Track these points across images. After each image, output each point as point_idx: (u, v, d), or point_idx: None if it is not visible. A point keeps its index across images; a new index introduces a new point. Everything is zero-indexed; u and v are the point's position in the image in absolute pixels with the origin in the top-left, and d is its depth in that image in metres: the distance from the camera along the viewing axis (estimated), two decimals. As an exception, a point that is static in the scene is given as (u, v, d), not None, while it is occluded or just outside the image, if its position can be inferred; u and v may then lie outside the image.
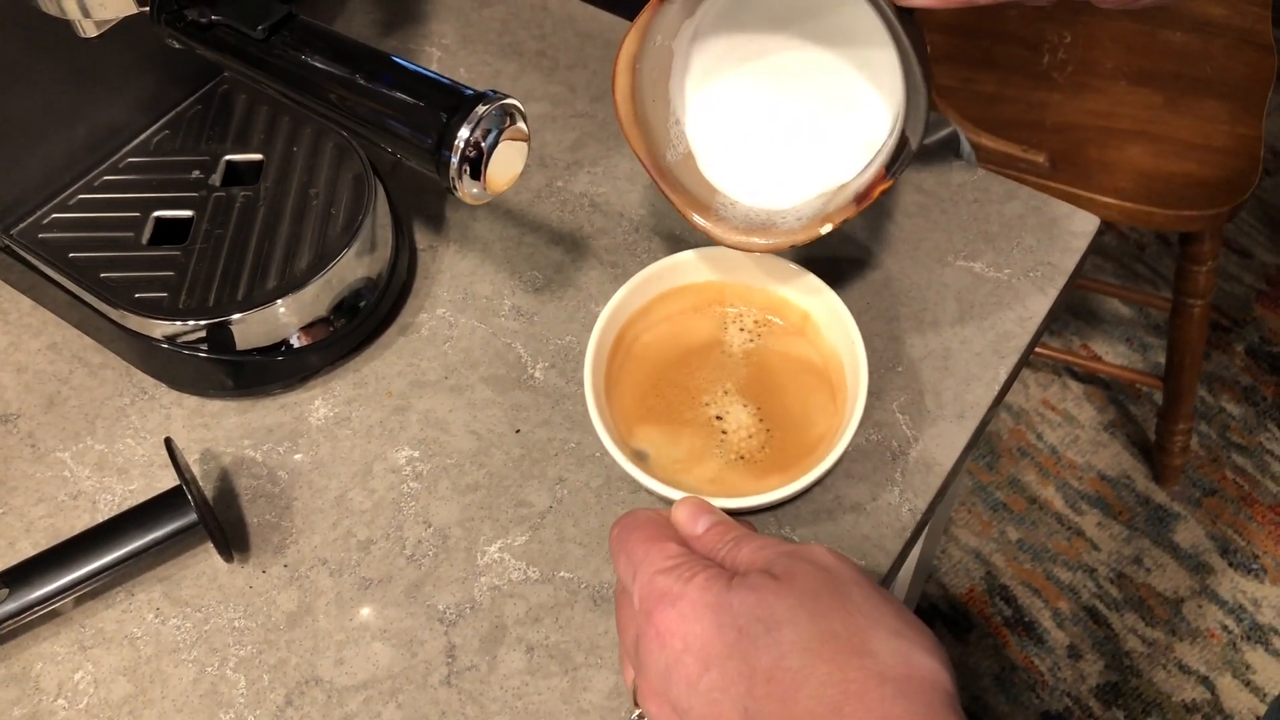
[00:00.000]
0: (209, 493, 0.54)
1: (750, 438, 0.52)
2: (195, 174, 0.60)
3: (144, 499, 0.52)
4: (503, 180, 0.44)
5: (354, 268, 0.57)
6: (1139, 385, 1.57)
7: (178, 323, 0.54)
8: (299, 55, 0.45)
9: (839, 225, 0.49)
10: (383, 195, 0.60)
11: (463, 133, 0.41)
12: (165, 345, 0.55)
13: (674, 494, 0.48)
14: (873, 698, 0.33)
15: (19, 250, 0.58)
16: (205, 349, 0.55)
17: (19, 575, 0.49)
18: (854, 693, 0.33)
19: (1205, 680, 1.35)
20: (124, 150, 0.61)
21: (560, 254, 0.62)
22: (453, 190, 0.43)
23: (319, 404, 0.57)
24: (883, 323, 0.59)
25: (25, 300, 0.61)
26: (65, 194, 0.59)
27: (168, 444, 0.51)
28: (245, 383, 0.57)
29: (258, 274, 0.56)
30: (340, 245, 0.56)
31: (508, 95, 0.43)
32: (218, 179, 0.60)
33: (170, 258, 0.57)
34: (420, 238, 0.64)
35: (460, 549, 0.52)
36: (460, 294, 0.61)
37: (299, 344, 0.56)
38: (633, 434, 0.52)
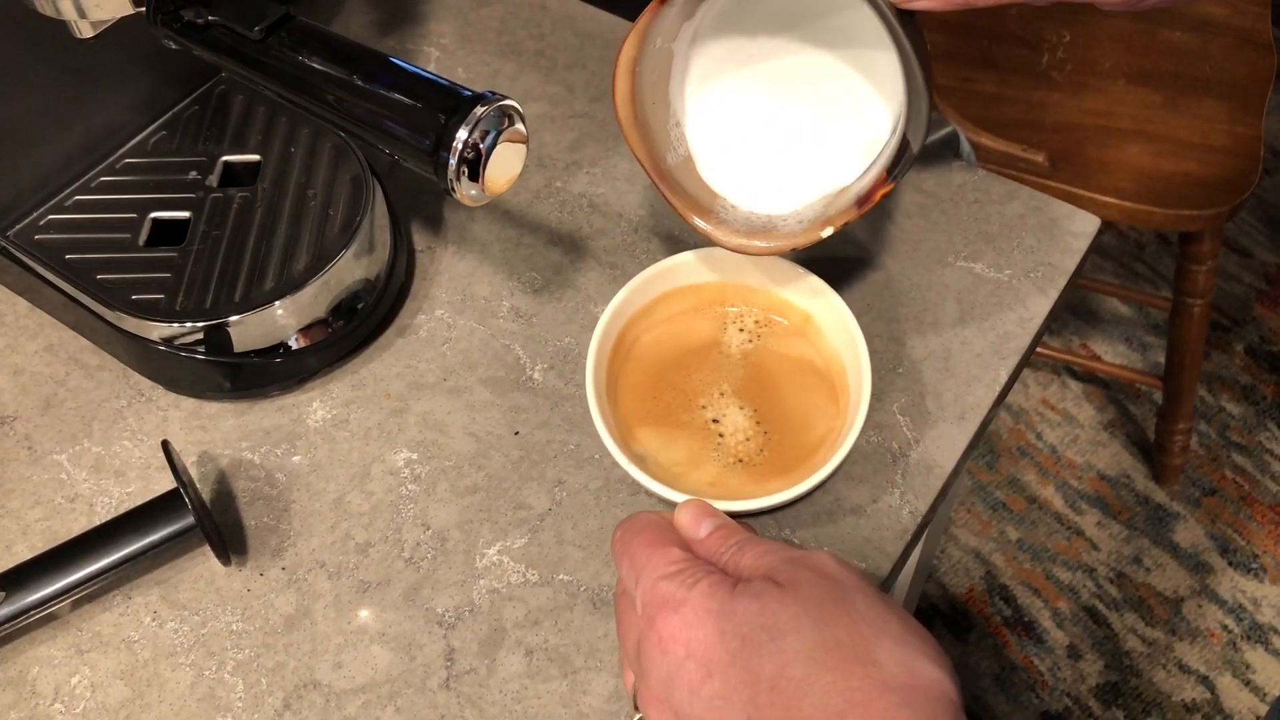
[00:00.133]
0: (206, 495, 0.54)
1: (747, 440, 0.52)
2: (192, 175, 0.60)
3: (141, 502, 0.52)
4: (501, 182, 0.44)
5: (352, 269, 0.57)
6: (1139, 385, 1.57)
7: (175, 324, 0.54)
8: (296, 56, 0.45)
9: (840, 228, 0.49)
10: (381, 196, 0.60)
11: (461, 134, 0.41)
12: (162, 347, 0.55)
13: (675, 496, 0.47)
14: (877, 706, 0.33)
15: (15, 252, 0.57)
16: (203, 351, 0.55)
17: (15, 579, 0.49)
18: (858, 701, 0.33)
19: (1205, 680, 1.35)
20: (121, 151, 0.61)
21: (559, 255, 0.62)
22: (451, 192, 0.43)
23: (317, 406, 0.57)
24: (883, 323, 0.58)
25: (22, 302, 0.61)
26: (62, 195, 0.59)
27: (165, 446, 0.51)
28: (243, 385, 0.56)
29: (255, 275, 0.55)
30: (338, 246, 0.56)
31: (506, 96, 0.43)
32: (215, 180, 0.60)
33: (167, 259, 0.57)
34: (418, 239, 0.63)
35: (459, 551, 0.52)
36: (459, 295, 0.61)
37: (297, 346, 0.56)
38: (633, 436, 0.52)
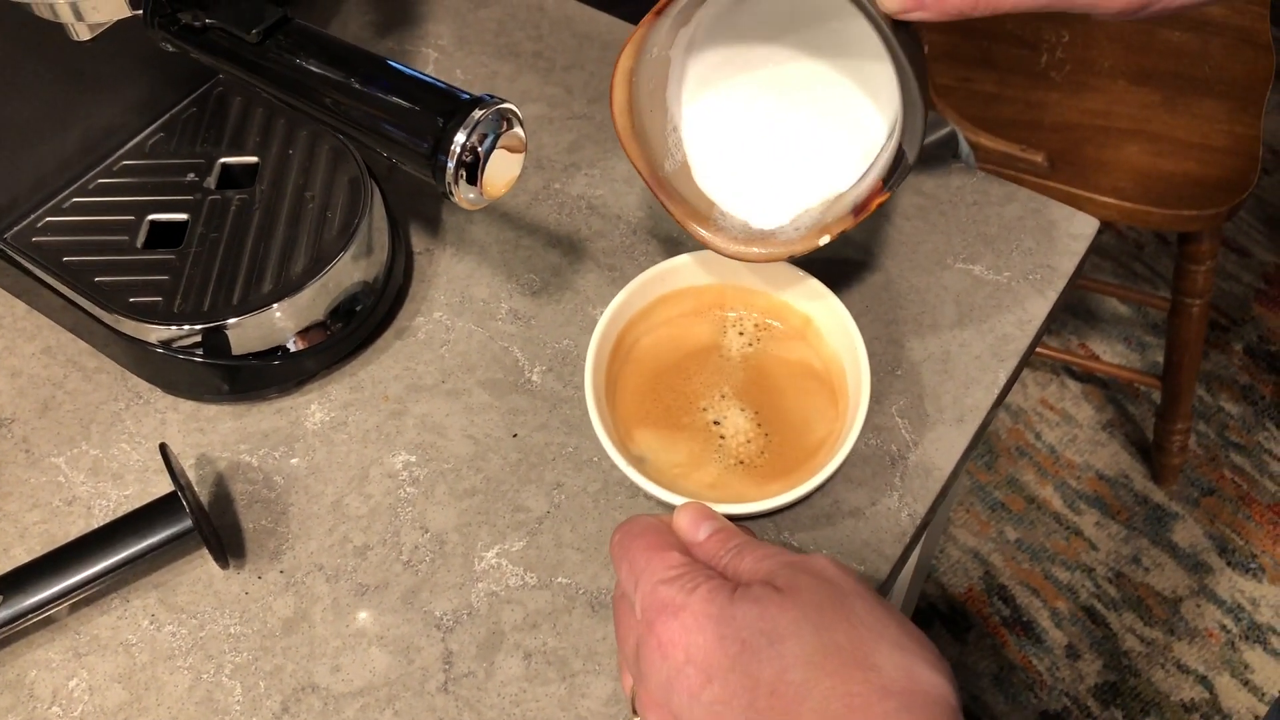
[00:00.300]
0: (204, 498, 0.54)
1: (749, 443, 0.52)
2: (190, 177, 0.60)
3: (139, 505, 0.52)
4: (499, 185, 0.44)
5: (350, 271, 0.57)
6: (1137, 384, 1.57)
7: (173, 327, 0.54)
8: (293, 59, 0.45)
9: (837, 236, 0.50)
10: (379, 198, 0.60)
11: (459, 137, 0.41)
12: (160, 350, 0.55)
13: (673, 499, 0.47)
14: (876, 711, 0.33)
15: (13, 254, 0.57)
16: (200, 354, 0.55)
17: (13, 582, 0.49)
18: (857, 706, 0.33)
19: (1204, 680, 1.35)
20: (118, 153, 0.61)
21: (557, 257, 0.62)
22: (449, 195, 0.42)
23: (315, 408, 0.57)
24: (882, 326, 0.58)
25: (19, 304, 0.61)
26: (59, 197, 0.59)
27: (163, 449, 0.51)
28: (241, 387, 0.56)
29: (253, 278, 0.55)
30: (336, 249, 0.56)
31: (504, 99, 0.43)
32: (213, 182, 0.60)
33: (165, 261, 0.57)
34: (417, 241, 0.63)
35: (457, 554, 0.52)
36: (457, 297, 0.61)
37: (295, 348, 0.56)
38: (632, 438, 0.52)
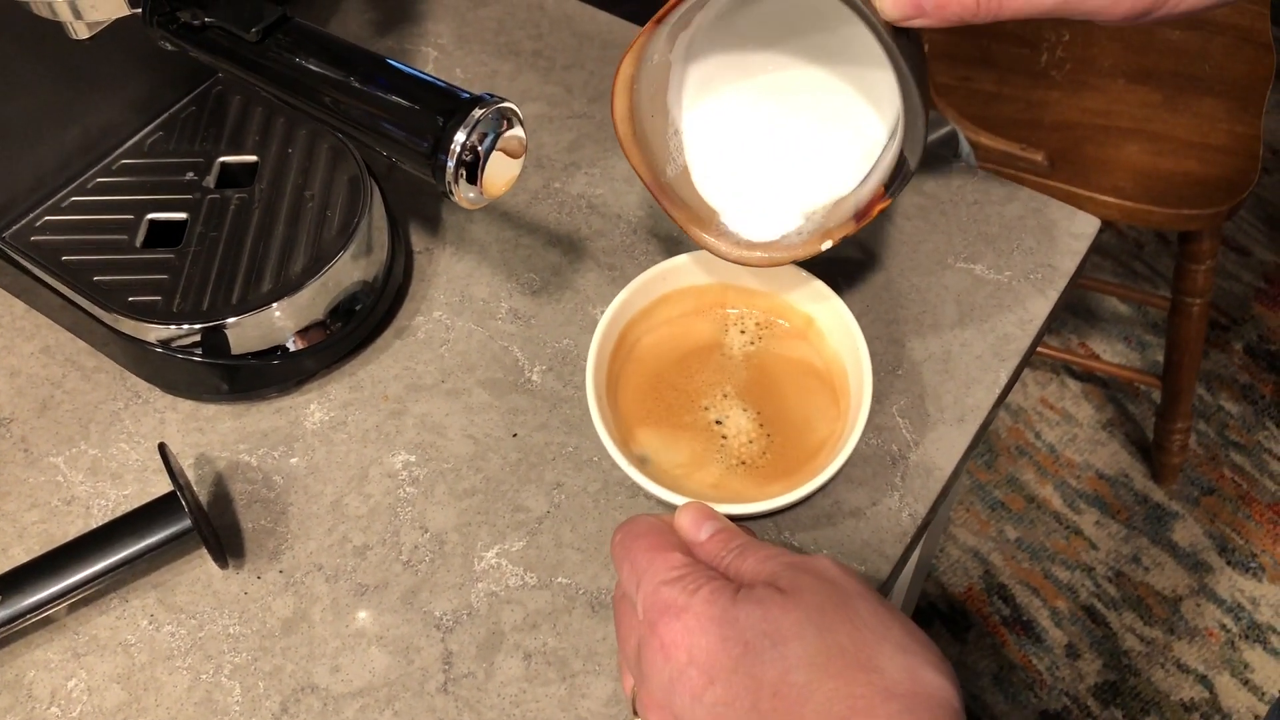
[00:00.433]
0: (203, 498, 0.54)
1: (750, 443, 0.51)
2: (189, 176, 0.60)
3: (138, 504, 0.52)
4: (499, 184, 0.43)
5: (350, 270, 0.56)
6: (1137, 384, 1.57)
7: (172, 326, 0.54)
8: (293, 58, 0.45)
9: (839, 242, 0.50)
10: (379, 197, 0.60)
11: (459, 137, 0.41)
12: (159, 349, 0.55)
13: (675, 499, 0.47)
14: (879, 713, 0.33)
15: (11, 253, 0.57)
16: (200, 353, 0.55)
17: (12, 581, 0.49)
18: (860, 708, 0.33)
19: (1203, 679, 1.35)
20: (117, 152, 0.61)
21: (558, 256, 0.62)
22: (449, 194, 0.42)
23: (315, 408, 0.57)
24: (883, 325, 0.58)
25: (18, 304, 0.61)
26: (58, 196, 0.59)
27: (161, 449, 0.51)
28: (240, 387, 0.56)
29: (252, 277, 0.55)
30: (336, 248, 0.56)
31: (504, 99, 0.43)
32: (212, 181, 0.60)
33: (164, 261, 0.56)
34: (416, 240, 0.63)
35: (457, 554, 0.52)
36: (457, 297, 0.61)
37: (294, 348, 0.56)
38: (633, 438, 0.52)
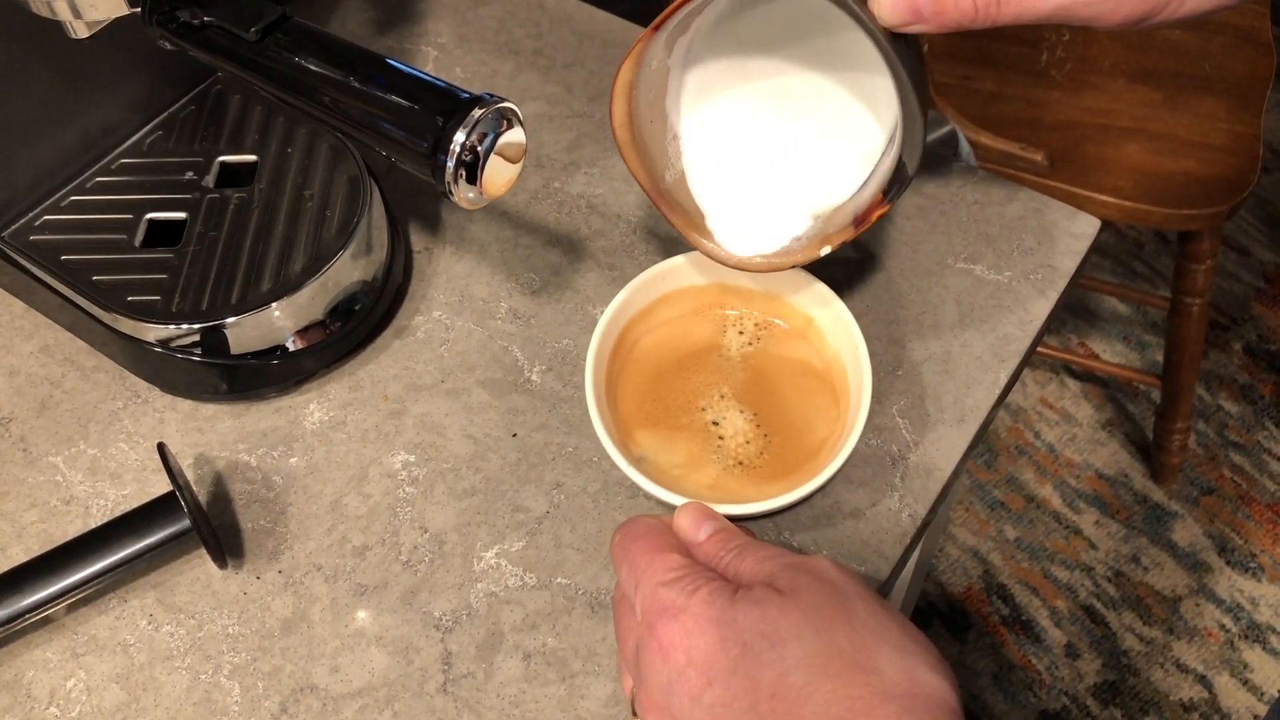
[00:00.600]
0: (203, 498, 0.54)
1: (747, 443, 0.51)
2: (189, 175, 0.60)
3: (137, 504, 0.51)
4: (499, 184, 0.43)
5: (349, 270, 0.56)
6: (1137, 383, 1.57)
7: (171, 326, 0.54)
8: (292, 58, 0.45)
9: (838, 247, 0.50)
10: (378, 197, 0.59)
11: (458, 137, 0.41)
12: (158, 349, 0.55)
13: (673, 499, 0.47)
14: (878, 715, 0.33)
15: (10, 253, 0.57)
16: (199, 353, 0.55)
17: (11, 582, 0.49)
18: (859, 709, 0.33)
19: (1203, 679, 1.35)
20: (116, 151, 0.61)
21: (557, 256, 0.62)
22: (449, 195, 0.42)
23: (314, 408, 0.57)
24: (883, 326, 0.58)
25: (17, 303, 0.61)
26: (57, 196, 0.59)
27: (160, 449, 0.51)
28: (239, 387, 0.56)
29: (252, 277, 0.55)
30: (336, 247, 0.56)
31: (504, 98, 0.42)
32: (211, 180, 0.60)
33: (163, 260, 0.56)
34: (416, 239, 0.63)
35: (456, 555, 0.52)
36: (456, 296, 0.61)
37: (294, 347, 0.56)
38: (632, 438, 0.52)
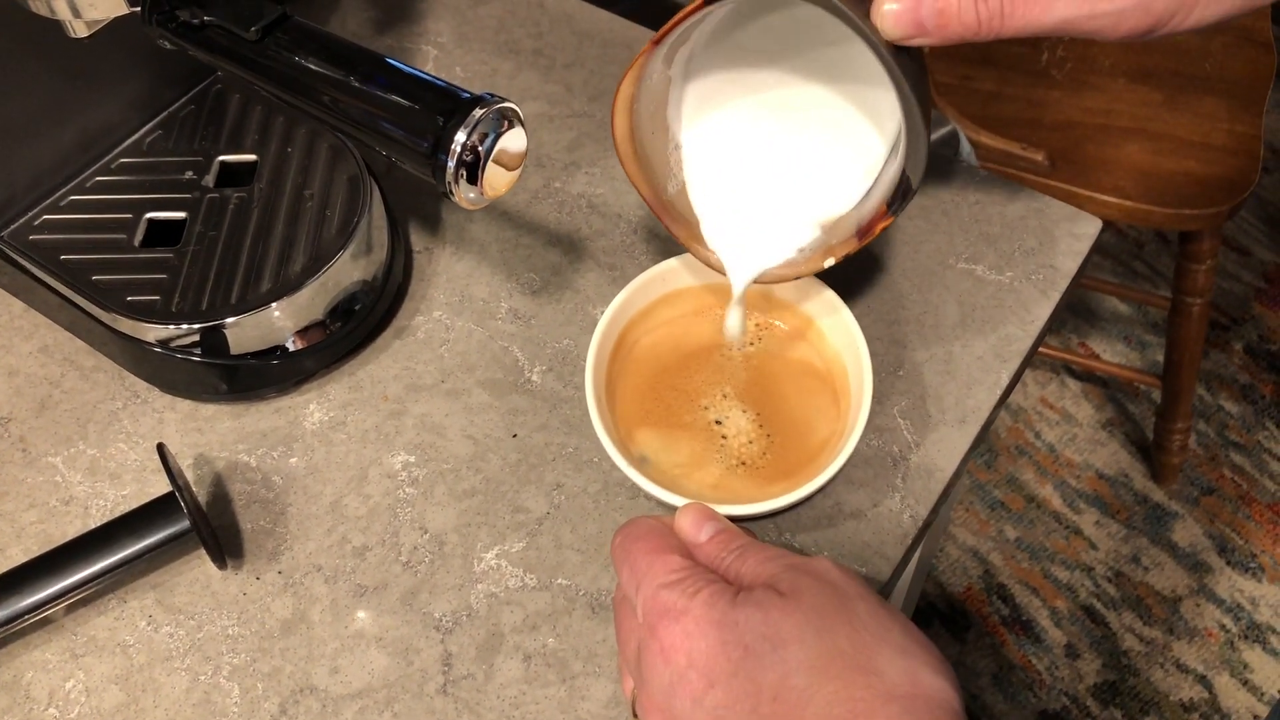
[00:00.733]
0: (202, 498, 0.54)
1: (750, 443, 0.51)
2: (188, 175, 0.60)
3: (136, 505, 0.51)
4: (500, 184, 0.43)
5: (349, 270, 0.56)
6: (1137, 383, 1.57)
7: (171, 326, 0.54)
8: (292, 57, 0.45)
9: (841, 259, 0.50)
10: (378, 197, 0.59)
11: (459, 137, 0.41)
12: (158, 349, 0.55)
13: (674, 500, 0.47)
14: (879, 716, 0.32)
15: (9, 252, 0.57)
16: (199, 353, 0.54)
17: (10, 582, 0.49)
18: (861, 711, 0.33)
19: (1203, 679, 1.35)
20: (116, 151, 0.60)
21: (558, 256, 0.62)
22: (449, 195, 0.42)
23: (314, 408, 0.57)
24: (884, 326, 0.58)
25: (16, 303, 0.61)
26: (57, 195, 0.59)
27: (160, 449, 0.51)
28: (239, 387, 0.56)
29: (252, 277, 0.55)
30: (336, 247, 0.56)
31: (505, 98, 0.42)
32: (211, 180, 0.60)
33: (163, 260, 0.56)
34: (416, 239, 0.63)
35: (457, 555, 0.52)
36: (457, 296, 0.61)
37: (294, 348, 0.56)
38: (632, 439, 0.52)
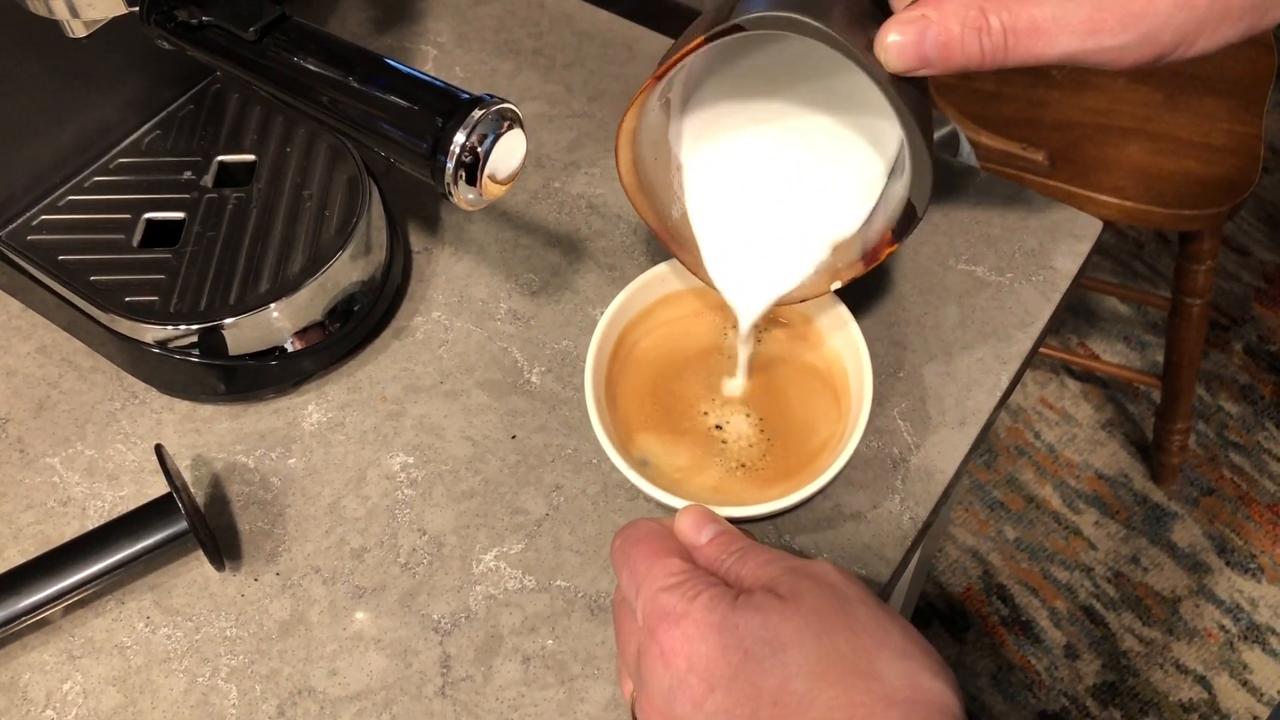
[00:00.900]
0: (200, 499, 0.54)
1: (750, 446, 0.51)
2: (187, 175, 0.60)
3: (134, 506, 0.51)
4: (499, 185, 0.43)
5: (348, 271, 0.56)
6: (1137, 384, 1.57)
7: (169, 327, 0.54)
8: (291, 58, 0.44)
9: (847, 283, 0.50)
10: (377, 197, 0.59)
11: (458, 138, 0.41)
12: (156, 350, 0.54)
13: (675, 502, 0.47)
14: None
15: (8, 253, 0.57)
16: (197, 354, 0.54)
17: (7, 583, 0.49)
18: (860, 716, 0.32)
19: (1202, 680, 1.35)
20: (114, 151, 0.60)
21: (557, 256, 0.62)
22: (448, 196, 0.42)
23: (312, 409, 0.57)
24: (884, 327, 0.58)
25: (14, 303, 0.61)
26: (55, 195, 0.59)
27: (158, 450, 0.51)
28: (238, 388, 0.56)
29: (250, 277, 0.55)
30: (334, 248, 0.56)
31: (504, 99, 0.42)
32: (210, 180, 0.59)
33: (161, 260, 0.56)
34: (415, 240, 0.63)
35: (455, 557, 0.52)
36: (456, 297, 0.60)
37: (292, 348, 0.55)
38: (632, 441, 0.51)
